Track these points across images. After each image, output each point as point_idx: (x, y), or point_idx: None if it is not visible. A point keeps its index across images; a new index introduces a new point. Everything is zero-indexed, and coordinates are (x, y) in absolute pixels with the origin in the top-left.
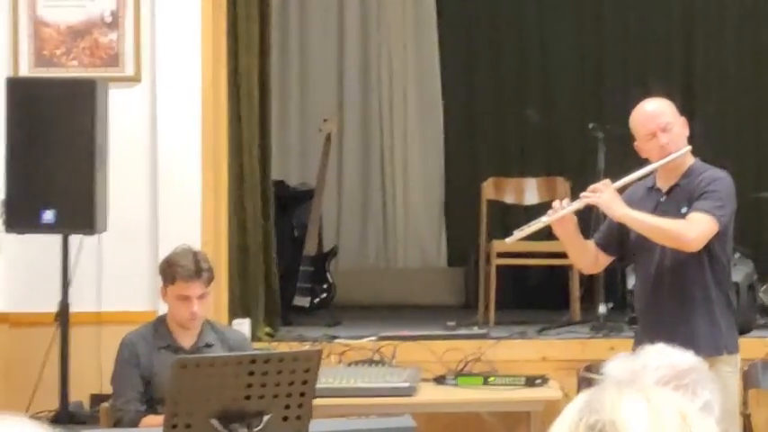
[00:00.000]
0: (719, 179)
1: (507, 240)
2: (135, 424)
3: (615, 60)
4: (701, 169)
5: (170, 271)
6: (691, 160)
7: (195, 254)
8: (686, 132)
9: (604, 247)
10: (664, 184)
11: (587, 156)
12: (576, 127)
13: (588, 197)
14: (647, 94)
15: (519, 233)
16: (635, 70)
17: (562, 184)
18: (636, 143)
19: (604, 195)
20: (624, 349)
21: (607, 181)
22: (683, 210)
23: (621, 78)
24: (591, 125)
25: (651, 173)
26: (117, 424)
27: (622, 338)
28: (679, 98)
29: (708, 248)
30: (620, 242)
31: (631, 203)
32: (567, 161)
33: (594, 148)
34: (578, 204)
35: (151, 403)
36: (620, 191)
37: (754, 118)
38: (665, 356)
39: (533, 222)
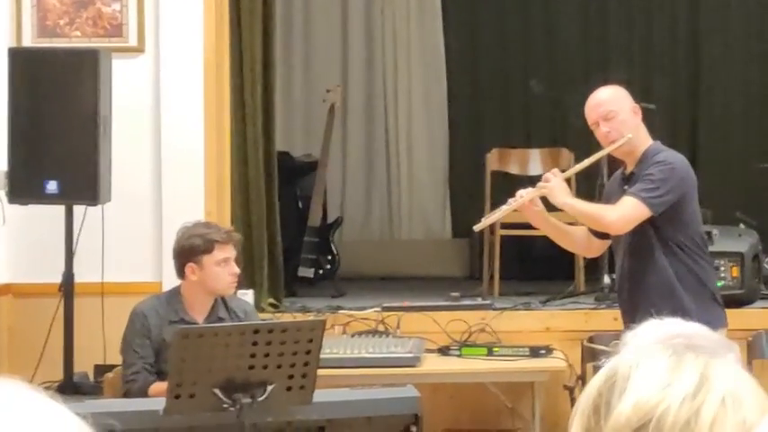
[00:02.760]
0: (660, 163)
1: (475, 227)
2: (144, 391)
3: (619, 30)
4: (654, 154)
5: (205, 240)
6: (646, 144)
7: (209, 222)
8: (635, 119)
9: (593, 231)
10: (627, 172)
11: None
12: (580, 97)
13: (541, 187)
14: (651, 63)
15: (486, 220)
16: (640, 40)
17: (566, 154)
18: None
19: (550, 184)
20: None
21: (556, 170)
22: None
23: (626, 49)
24: None
25: (596, 162)
26: (127, 393)
27: None
28: (685, 69)
29: (659, 236)
30: None
31: (611, 193)
32: (571, 132)
33: None
34: (535, 192)
35: (161, 375)
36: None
37: (762, 87)
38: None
39: (498, 210)
